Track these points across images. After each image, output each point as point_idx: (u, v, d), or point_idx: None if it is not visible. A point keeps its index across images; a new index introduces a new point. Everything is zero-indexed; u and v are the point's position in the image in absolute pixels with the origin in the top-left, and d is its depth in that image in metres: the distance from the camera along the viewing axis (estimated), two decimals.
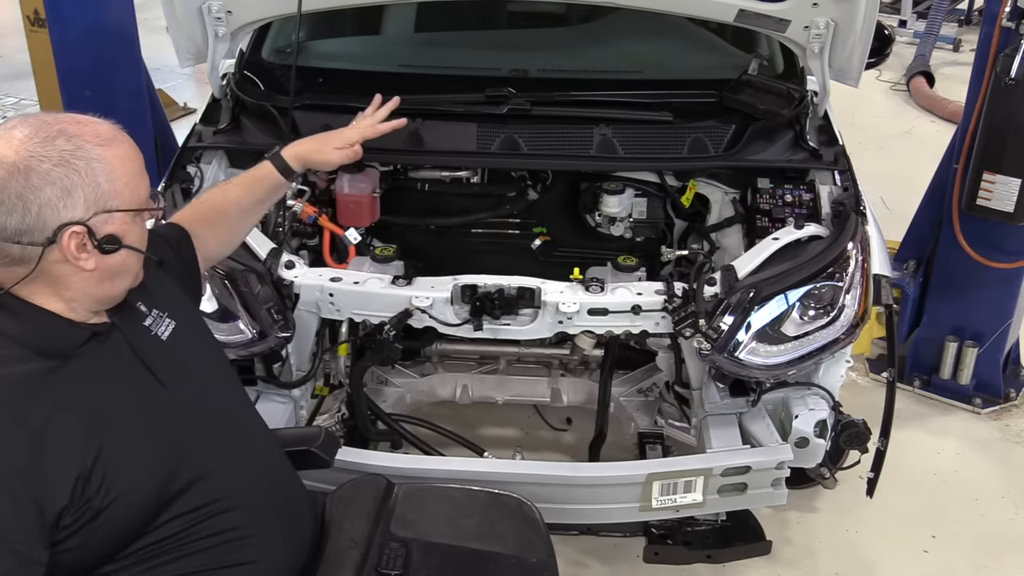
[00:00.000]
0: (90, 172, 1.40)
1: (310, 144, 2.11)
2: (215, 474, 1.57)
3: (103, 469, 1.40)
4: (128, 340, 1.54)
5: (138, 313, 1.60)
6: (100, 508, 1.40)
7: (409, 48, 3.09)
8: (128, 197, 1.45)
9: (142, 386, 1.53)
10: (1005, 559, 2.79)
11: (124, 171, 1.45)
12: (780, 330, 2.22)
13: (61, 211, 1.38)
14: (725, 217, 2.64)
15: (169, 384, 1.56)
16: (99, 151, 1.42)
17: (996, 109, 3.01)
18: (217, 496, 1.56)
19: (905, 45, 7.03)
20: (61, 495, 1.36)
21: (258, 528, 1.61)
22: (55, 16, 3.87)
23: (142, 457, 1.47)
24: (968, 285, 3.36)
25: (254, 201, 2.04)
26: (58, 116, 1.45)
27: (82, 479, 1.38)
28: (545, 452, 3.09)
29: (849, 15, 2.34)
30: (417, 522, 1.86)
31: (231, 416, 1.71)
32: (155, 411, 1.53)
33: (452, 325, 2.29)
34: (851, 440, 2.39)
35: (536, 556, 1.82)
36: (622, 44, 2.91)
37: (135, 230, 1.48)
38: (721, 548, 2.49)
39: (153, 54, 4.50)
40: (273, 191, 2.07)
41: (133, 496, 1.44)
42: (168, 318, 1.64)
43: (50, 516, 1.35)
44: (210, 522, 1.55)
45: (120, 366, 1.52)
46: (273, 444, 1.79)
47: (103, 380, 1.48)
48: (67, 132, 1.41)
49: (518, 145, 2.53)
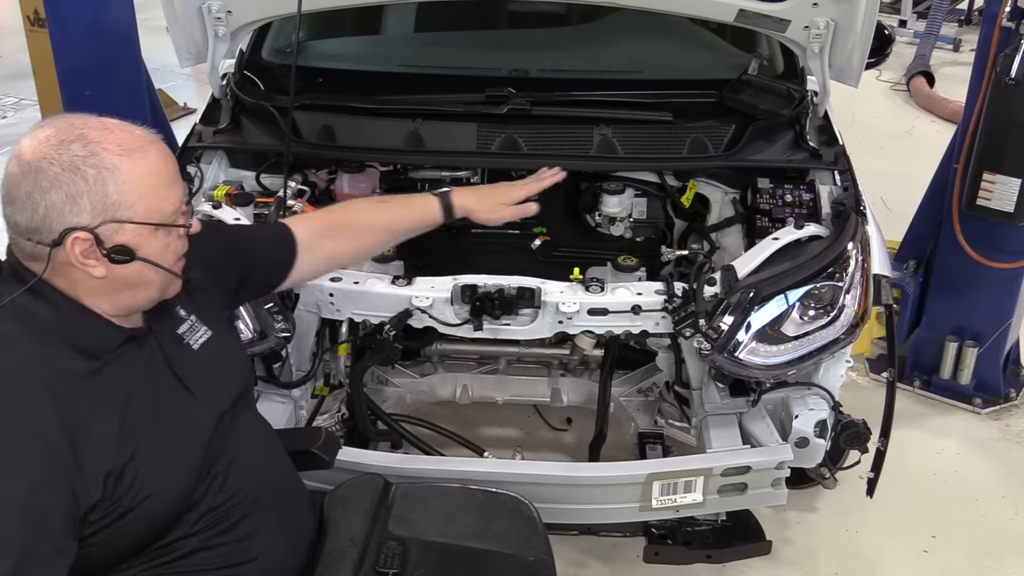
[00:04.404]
0: (99, 180, 1.39)
1: (475, 197, 2.16)
2: (231, 481, 1.59)
3: (135, 470, 1.42)
4: (162, 348, 1.55)
5: (176, 319, 1.62)
6: (128, 508, 1.41)
7: (409, 48, 3.09)
8: (141, 210, 1.42)
9: (173, 393, 1.54)
10: (1005, 559, 2.79)
11: (140, 183, 1.42)
12: (780, 330, 2.21)
13: (66, 215, 1.38)
14: (725, 217, 2.64)
15: (197, 393, 1.57)
16: (115, 160, 1.40)
17: (996, 109, 3.01)
18: (232, 502, 1.58)
19: (905, 45, 7.03)
20: (95, 490, 1.37)
21: (264, 532, 1.63)
22: (55, 16, 3.87)
23: (171, 463, 1.49)
24: (968, 285, 3.36)
25: (402, 228, 2.10)
26: (88, 120, 1.43)
27: (112, 476, 1.39)
28: (545, 452, 3.09)
29: (849, 15, 2.34)
30: (415, 521, 1.86)
31: (249, 426, 1.72)
32: (184, 419, 1.54)
33: (452, 325, 2.28)
34: (851, 440, 2.38)
35: (534, 554, 1.82)
36: (622, 44, 2.91)
37: (153, 243, 1.45)
38: (721, 548, 2.49)
39: (153, 54, 4.51)
40: (422, 226, 2.13)
41: (160, 500, 1.46)
42: (204, 326, 1.65)
43: (83, 509, 1.36)
44: (222, 526, 1.57)
45: (153, 372, 1.53)
46: (280, 448, 1.80)
47: (137, 384, 1.49)
48: (86, 138, 1.40)
49: (518, 145, 2.53)
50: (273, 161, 2.55)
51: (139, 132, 1.46)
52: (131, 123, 1.47)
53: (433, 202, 2.12)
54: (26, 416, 1.34)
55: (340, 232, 2.04)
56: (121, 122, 1.46)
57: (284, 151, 2.42)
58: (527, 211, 2.24)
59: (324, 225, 2.02)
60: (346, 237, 2.04)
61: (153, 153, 1.45)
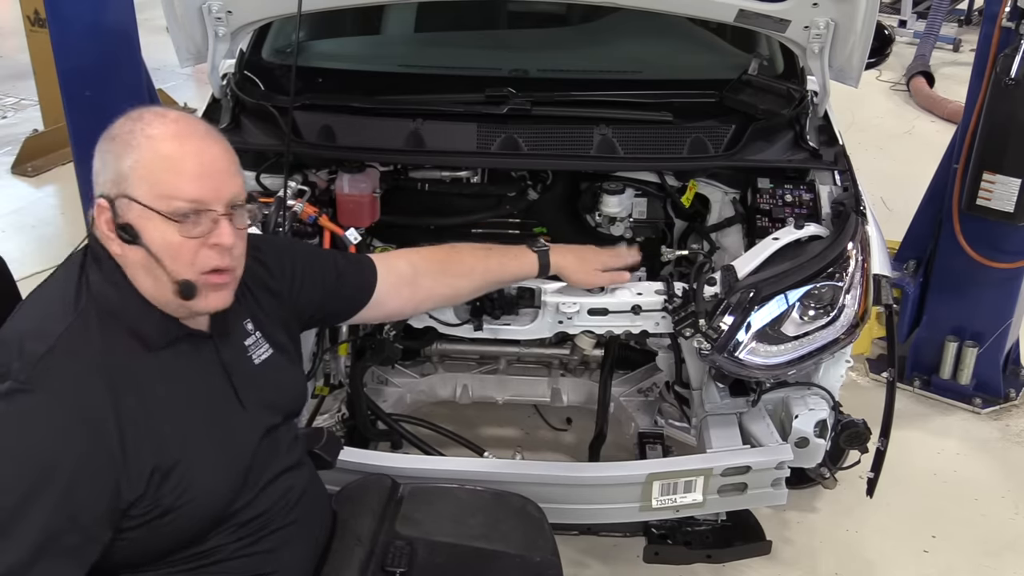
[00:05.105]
0: (123, 154, 1.42)
1: (571, 257, 2.18)
2: (268, 495, 1.59)
3: (180, 471, 1.42)
4: (220, 355, 1.55)
5: (242, 331, 1.62)
6: (169, 509, 1.42)
7: (409, 48, 3.09)
8: (146, 192, 1.41)
9: (225, 401, 1.55)
10: (1005, 559, 2.79)
11: (156, 167, 1.41)
12: (780, 330, 2.21)
13: (99, 179, 1.44)
14: (725, 217, 2.63)
15: (249, 408, 1.58)
16: (146, 141, 1.42)
17: (996, 109, 3.01)
18: (267, 517, 1.59)
19: (905, 45, 7.03)
20: (138, 484, 1.38)
21: (290, 545, 1.64)
22: (55, 16, 3.86)
23: (217, 470, 1.49)
24: (968, 285, 3.36)
25: (498, 279, 2.13)
26: (161, 110, 1.48)
27: (158, 473, 1.40)
28: (545, 452, 3.09)
29: (849, 15, 2.34)
30: (422, 521, 1.87)
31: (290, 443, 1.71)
32: (232, 428, 1.55)
33: (452, 325, 2.28)
34: (851, 440, 2.39)
35: (540, 555, 1.83)
36: (622, 44, 2.90)
37: (156, 233, 1.42)
38: (721, 548, 2.49)
39: (153, 54, 4.50)
40: (516, 279, 2.17)
41: (201, 505, 1.46)
42: (267, 344, 1.65)
43: (124, 502, 1.37)
44: (253, 538, 1.58)
45: (208, 376, 1.53)
46: (312, 465, 1.80)
47: (193, 385, 1.50)
48: (142, 119, 1.44)
49: (518, 145, 2.53)
50: (273, 161, 2.55)
51: (195, 126, 1.47)
52: (195, 116, 1.51)
53: (532, 258, 2.13)
54: (81, 402, 1.36)
55: (443, 273, 2.03)
56: (190, 117, 1.51)
57: (284, 151, 2.42)
58: (620, 279, 2.24)
59: (429, 263, 2.02)
60: (446, 278, 2.04)
61: (189, 144, 1.44)
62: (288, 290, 1.75)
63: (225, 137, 1.53)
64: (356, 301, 1.92)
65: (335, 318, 1.98)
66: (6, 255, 1.88)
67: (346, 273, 1.89)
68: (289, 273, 1.77)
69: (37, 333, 1.40)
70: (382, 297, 1.93)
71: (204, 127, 1.50)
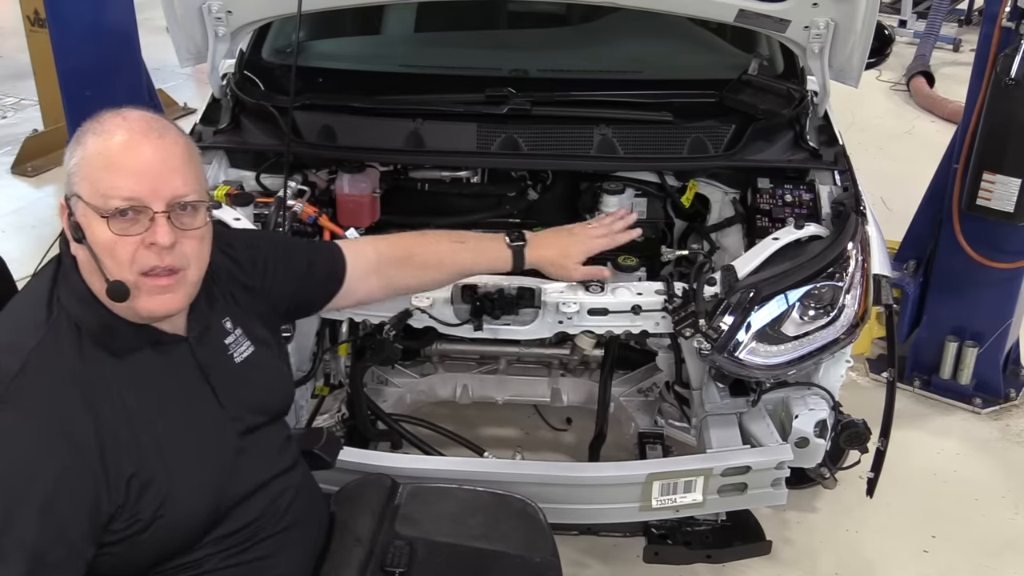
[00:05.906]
0: (73, 152, 1.42)
1: (552, 250, 2.13)
2: (257, 502, 1.58)
3: (159, 482, 1.41)
4: (196, 357, 1.53)
5: (221, 330, 1.60)
6: (149, 522, 1.40)
7: (409, 48, 3.09)
8: (87, 191, 1.39)
9: (202, 402, 1.52)
10: (1005, 559, 2.79)
11: (95, 164, 1.39)
12: (780, 330, 2.21)
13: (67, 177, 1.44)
14: (725, 217, 2.64)
15: (229, 407, 1.55)
16: (91, 139, 1.41)
17: (996, 109, 3.01)
18: (257, 524, 1.58)
19: (905, 45, 7.03)
20: (117, 495, 1.37)
21: (285, 551, 1.63)
22: (55, 16, 3.87)
23: (194, 476, 1.47)
24: (968, 285, 3.36)
25: (469, 272, 2.11)
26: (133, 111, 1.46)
27: (136, 481, 1.38)
28: (545, 452, 3.09)
29: (849, 15, 2.34)
30: (422, 521, 1.86)
31: (279, 446, 1.69)
32: (211, 432, 1.52)
33: (452, 325, 2.28)
34: (851, 440, 2.39)
35: (540, 555, 1.83)
36: (622, 44, 2.91)
37: (97, 231, 1.39)
38: (721, 548, 2.49)
39: (153, 54, 4.51)
40: (489, 272, 2.14)
41: (182, 516, 1.45)
42: (248, 341, 1.63)
43: (105, 514, 1.36)
44: (245, 545, 1.56)
45: (183, 380, 1.51)
46: (306, 467, 1.78)
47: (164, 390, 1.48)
48: (101, 118, 1.43)
49: (518, 145, 2.53)
50: (273, 161, 2.55)
51: (146, 125, 1.43)
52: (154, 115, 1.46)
53: (506, 254, 2.09)
54: (59, 414, 1.35)
55: (408, 262, 2.00)
56: (144, 113, 1.46)
57: (284, 151, 2.42)
58: (598, 274, 2.20)
59: (394, 251, 1.99)
60: (412, 269, 2.01)
61: (131, 142, 1.40)
62: (261, 284, 1.73)
63: (187, 137, 1.50)
64: (328, 289, 1.90)
65: (310, 307, 1.95)
66: (6, 255, 1.87)
67: (316, 262, 1.88)
68: (261, 267, 1.74)
69: (10, 347, 1.38)
70: (352, 284, 1.91)
71: (159, 125, 1.44)
